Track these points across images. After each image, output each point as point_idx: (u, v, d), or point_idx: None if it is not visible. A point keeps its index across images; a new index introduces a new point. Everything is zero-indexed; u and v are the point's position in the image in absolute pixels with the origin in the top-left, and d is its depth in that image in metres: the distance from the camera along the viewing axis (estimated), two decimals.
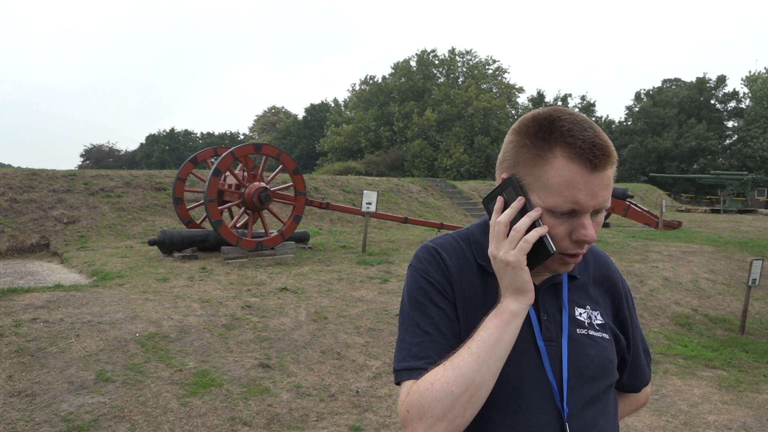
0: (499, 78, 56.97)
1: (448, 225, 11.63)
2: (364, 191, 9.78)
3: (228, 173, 8.57)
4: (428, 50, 57.93)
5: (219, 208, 8.19)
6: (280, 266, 7.95)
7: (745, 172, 29.31)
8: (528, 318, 1.08)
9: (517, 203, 1.02)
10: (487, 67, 57.44)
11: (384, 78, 58.27)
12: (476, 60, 57.70)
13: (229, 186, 8.73)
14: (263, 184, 8.57)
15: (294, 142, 62.85)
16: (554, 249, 1.00)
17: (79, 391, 3.89)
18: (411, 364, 1.04)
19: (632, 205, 16.39)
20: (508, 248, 1.01)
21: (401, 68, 56.73)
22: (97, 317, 5.15)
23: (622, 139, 48.52)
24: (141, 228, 11.23)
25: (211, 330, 5.16)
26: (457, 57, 58.00)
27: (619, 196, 16.67)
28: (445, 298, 1.09)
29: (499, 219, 1.03)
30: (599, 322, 1.14)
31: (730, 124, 49.58)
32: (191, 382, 4.15)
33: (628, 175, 46.61)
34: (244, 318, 5.51)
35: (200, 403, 3.88)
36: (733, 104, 49.27)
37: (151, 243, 8.53)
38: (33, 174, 12.14)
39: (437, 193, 18.52)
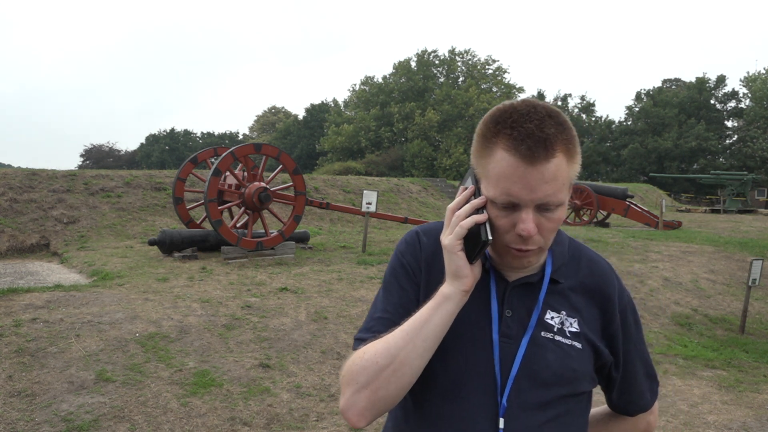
0: (499, 78, 56.99)
1: None
2: (364, 191, 9.78)
3: (228, 173, 8.57)
4: (428, 50, 57.95)
5: (219, 208, 8.19)
6: (280, 266, 7.95)
7: (745, 172, 29.31)
8: (489, 311, 1.08)
9: (466, 192, 1.04)
10: (487, 67, 57.47)
11: (384, 78, 58.29)
12: (476, 60, 57.71)
13: (229, 186, 8.73)
14: (263, 184, 8.57)
15: (294, 142, 62.86)
16: (489, 237, 0.98)
17: (79, 391, 3.89)
18: (364, 335, 1.09)
19: (632, 205, 16.39)
20: (447, 233, 1.03)
21: (401, 68, 56.75)
22: (97, 317, 5.15)
23: (622, 139, 48.53)
24: (141, 228, 11.23)
25: (211, 330, 5.16)
26: (457, 57, 58.02)
27: (619, 196, 16.68)
28: (411, 280, 1.13)
29: (449, 206, 1.06)
30: (573, 330, 1.09)
31: (729, 124, 49.61)
32: (191, 382, 4.15)
33: (628, 175, 46.63)
34: (244, 318, 5.51)
35: (200, 403, 3.88)
36: (732, 104, 49.32)
37: (151, 243, 8.52)
38: (33, 174, 12.14)
39: (437, 193, 18.52)
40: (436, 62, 58.07)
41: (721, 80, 48.89)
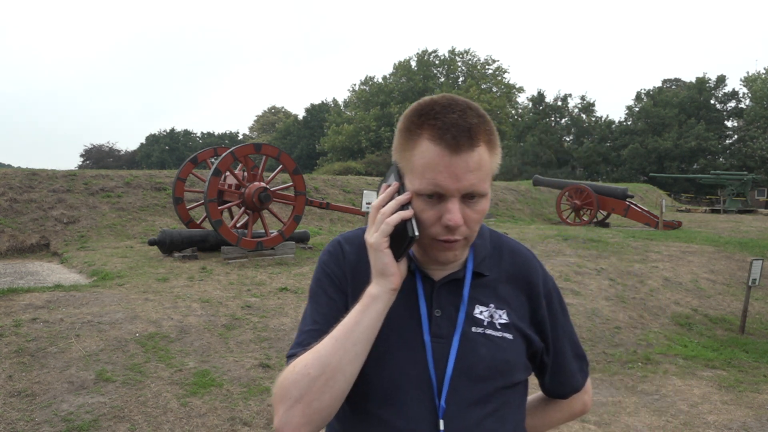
0: (499, 78, 57.00)
1: None
2: (364, 191, 9.78)
3: (228, 173, 8.57)
4: (428, 50, 57.97)
5: (219, 208, 8.19)
6: (280, 266, 7.95)
7: (745, 172, 29.31)
8: (418, 313, 1.07)
9: (391, 189, 1.03)
10: (486, 67, 57.47)
11: (384, 78, 58.29)
12: (476, 60, 57.72)
13: (229, 186, 8.72)
14: (263, 184, 8.56)
15: (294, 142, 62.87)
16: (416, 233, 0.98)
17: (79, 391, 3.89)
18: (295, 350, 1.06)
19: (632, 205, 16.39)
20: (372, 231, 1.01)
21: (402, 68, 56.75)
22: (97, 317, 5.15)
23: (623, 139, 48.54)
24: (141, 228, 11.23)
25: (211, 330, 5.16)
26: (457, 57, 58.03)
27: (619, 196, 16.68)
28: (338, 289, 1.11)
29: (372, 204, 1.04)
30: (502, 321, 1.10)
31: (729, 124, 49.61)
32: (191, 382, 4.15)
33: (628, 175, 46.63)
34: (244, 318, 5.51)
35: (200, 403, 3.88)
36: (732, 104, 49.33)
37: (151, 243, 8.52)
38: (33, 174, 12.14)
39: None
40: (436, 62, 58.08)
41: (721, 80, 48.89)
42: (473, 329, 1.07)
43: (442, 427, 1.01)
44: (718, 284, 8.69)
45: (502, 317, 1.10)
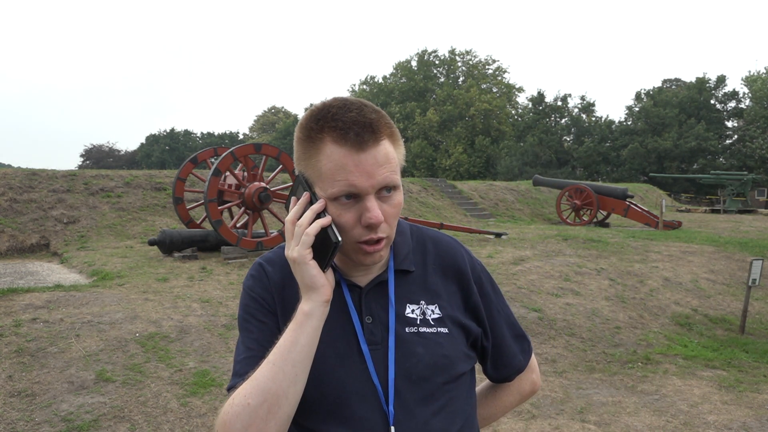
0: (499, 78, 57.01)
1: (448, 225, 11.64)
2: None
3: (228, 173, 8.57)
4: (429, 50, 58.00)
5: (219, 208, 8.19)
6: None
7: (745, 172, 29.30)
8: (351, 323, 1.05)
9: (302, 199, 1.00)
10: (487, 67, 57.49)
11: (384, 78, 58.31)
12: (476, 60, 57.74)
13: (229, 186, 8.73)
14: (263, 184, 8.56)
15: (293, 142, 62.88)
16: (339, 238, 0.96)
17: (79, 391, 3.89)
18: (233, 382, 1.01)
19: (632, 205, 16.39)
20: (292, 245, 0.98)
21: (402, 68, 56.77)
22: (97, 317, 5.15)
23: (623, 139, 48.52)
24: (141, 228, 11.24)
25: (211, 330, 5.16)
26: (457, 57, 58.04)
27: (619, 196, 16.68)
28: (267, 311, 1.07)
29: (286, 219, 1.01)
30: (435, 316, 1.08)
31: (730, 124, 49.59)
32: (191, 382, 4.15)
33: (628, 175, 46.61)
34: None
35: (200, 403, 3.88)
36: (733, 104, 49.29)
37: (151, 243, 8.53)
38: (33, 174, 12.15)
39: (437, 193, 18.52)
40: (437, 62, 58.10)
41: (721, 80, 48.88)
42: (407, 329, 1.06)
43: None
44: (718, 284, 8.69)
45: (434, 312, 1.09)
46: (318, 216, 0.98)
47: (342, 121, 0.96)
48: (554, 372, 5.27)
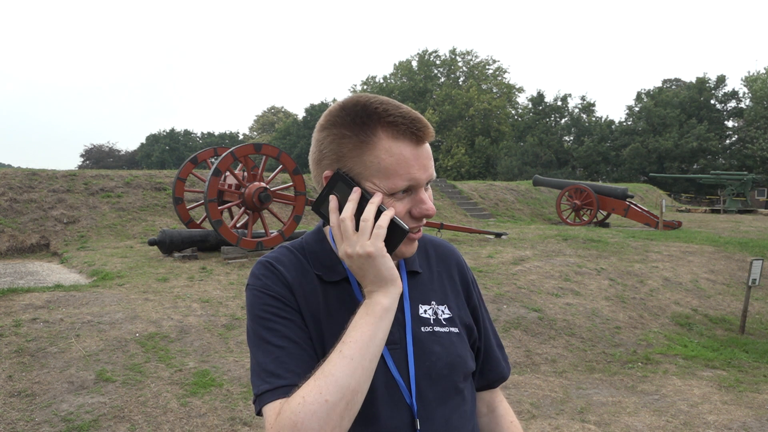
0: (500, 78, 57.01)
1: (448, 225, 11.63)
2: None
3: (228, 173, 8.57)
4: (429, 50, 58.02)
5: (219, 208, 8.19)
6: None
7: (745, 172, 29.27)
8: None
9: (355, 195, 0.98)
10: (487, 67, 57.49)
11: (385, 78, 58.31)
12: (477, 60, 57.74)
13: (229, 186, 8.72)
14: (263, 184, 8.56)
15: (294, 142, 62.87)
16: (407, 227, 0.98)
17: (79, 391, 3.89)
18: (272, 383, 0.94)
19: (632, 205, 16.39)
20: (363, 241, 0.95)
21: (402, 68, 56.79)
22: (97, 317, 5.15)
23: (623, 139, 48.50)
24: (141, 228, 11.23)
25: (211, 330, 5.16)
26: (457, 57, 58.05)
27: (619, 196, 16.68)
28: (290, 308, 1.02)
29: (342, 216, 0.97)
30: (446, 316, 1.11)
31: (730, 124, 49.57)
32: (191, 382, 4.15)
33: (628, 175, 46.61)
34: (244, 318, 5.51)
35: (200, 403, 3.88)
36: (733, 104, 49.28)
37: (151, 243, 8.52)
38: (33, 174, 12.15)
39: (437, 193, 18.51)
40: (437, 62, 58.10)
41: (721, 80, 48.87)
42: (422, 329, 1.07)
43: (418, 427, 1.01)
44: (718, 284, 8.69)
45: (444, 312, 1.11)
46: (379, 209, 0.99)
47: (400, 117, 0.97)
48: (554, 372, 5.27)
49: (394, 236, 0.98)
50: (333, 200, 1.00)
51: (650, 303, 7.45)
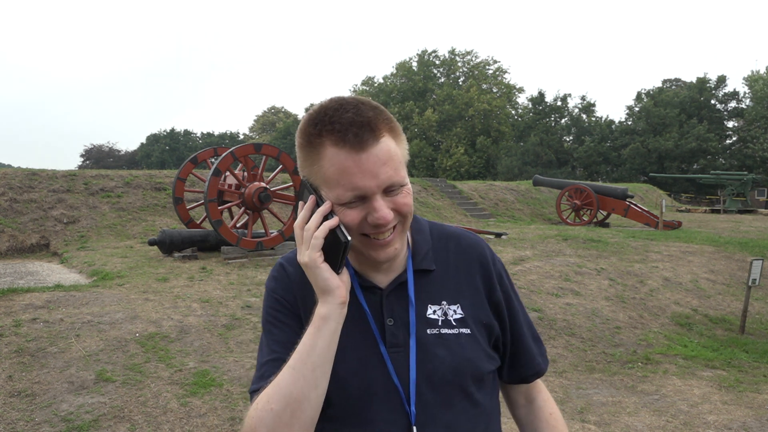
0: (500, 78, 57.00)
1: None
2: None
3: (228, 173, 8.57)
4: (429, 50, 58.02)
5: (219, 208, 8.19)
6: None
7: (745, 172, 29.27)
8: (368, 325, 1.04)
9: (308, 203, 0.99)
10: (487, 67, 57.48)
11: (385, 78, 58.31)
12: (477, 60, 57.73)
13: (229, 186, 8.72)
14: (263, 184, 8.56)
15: (294, 142, 62.86)
16: (348, 238, 0.95)
17: (79, 391, 3.89)
18: (257, 385, 1.01)
19: (632, 205, 16.39)
20: (302, 250, 0.97)
21: (402, 68, 56.78)
22: (97, 317, 5.15)
23: (623, 139, 48.50)
24: (141, 228, 11.24)
25: (211, 330, 5.16)
26: (457, 57, 58.05)
27: (619, 196, 16.69)
28: (291, 313, 1.06)
29: (295, 224, 1.00)
30: (457, 316, 1.07)
31: (730, 124, 49.56)
32: (191, 382, 4.15)
33: (628, 175, 46.60)
34: (244, 318, 5.51)
35: (200, 403, 3.88)
36: (733, 104, 49.27)
37: (151, 243, 8.52)
38: (33, 174, 12.15)
39: (437, 193, 18.51)
40: (437, 62, 58.09)
41: (721, 80, 48.86)
42: (428, 331, 1.05)
43: None
44: (718, 284, 8.69)
45: (456, 312, 1.07)
46: (325, 218, 0.97)
47: (339, 123, 0.94)
48: (554, 372, 5.27)
49: (337, 247, 0.96)
50: (300, 206, 1.02)
51: (650, 303, 7.45)
